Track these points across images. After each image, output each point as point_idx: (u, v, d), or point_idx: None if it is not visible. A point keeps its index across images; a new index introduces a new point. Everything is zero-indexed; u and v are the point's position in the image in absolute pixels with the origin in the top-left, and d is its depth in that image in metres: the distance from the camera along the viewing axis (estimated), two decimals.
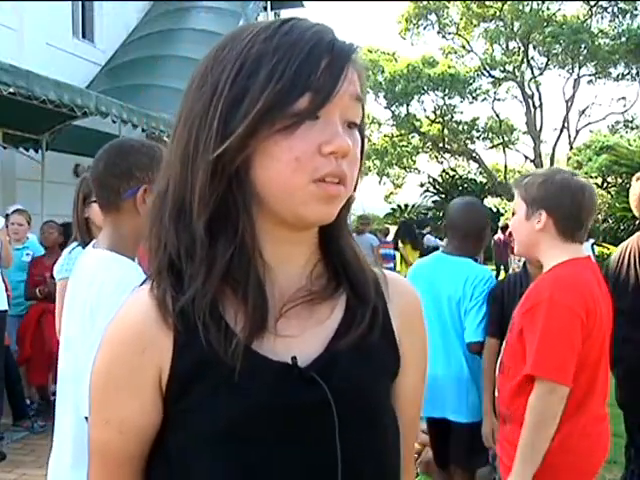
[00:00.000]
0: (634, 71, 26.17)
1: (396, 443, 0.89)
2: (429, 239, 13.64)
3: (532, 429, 1.91)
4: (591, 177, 13.50)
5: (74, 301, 1.73)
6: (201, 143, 0.79)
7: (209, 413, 0.79)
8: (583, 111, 29.27)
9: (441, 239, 12.47)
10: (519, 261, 6.90)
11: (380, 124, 29.32)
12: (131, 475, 0.85)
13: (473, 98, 27.74)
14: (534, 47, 26.46)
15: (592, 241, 8.33)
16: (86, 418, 1.37)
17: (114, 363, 0.82)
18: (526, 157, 29.60)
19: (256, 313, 0.79)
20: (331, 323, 0.85)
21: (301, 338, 0.83)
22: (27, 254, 5.70)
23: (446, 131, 28.45)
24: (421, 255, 10.90)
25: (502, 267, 13.53)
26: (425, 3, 26.59)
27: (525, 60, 26.76)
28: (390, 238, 12.17)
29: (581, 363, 1.92)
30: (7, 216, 5.61)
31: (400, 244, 11.10)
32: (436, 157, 30.49)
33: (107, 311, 1.44)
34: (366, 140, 0.88)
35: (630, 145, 16.81)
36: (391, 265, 10.40)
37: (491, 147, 30.03)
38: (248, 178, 0.79)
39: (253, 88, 0.76)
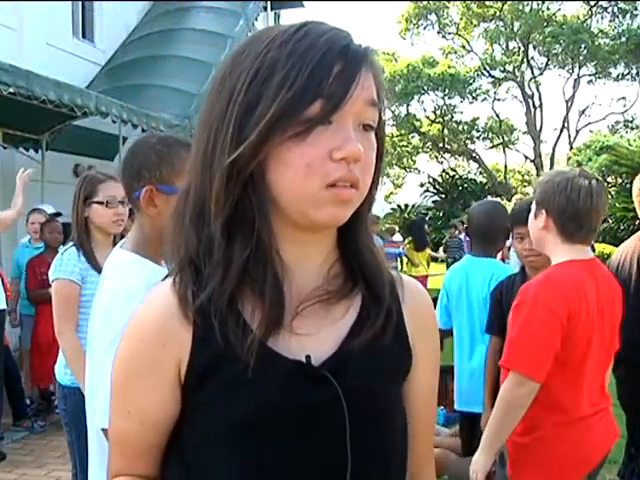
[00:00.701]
0: (634, 71, 26.18)
1: (404, 444, 0.91)
2: None
3: (499, 416, 2.02)
4: None
5: (96, 302, 1.73)
6: (218, 147, 0.81)
7: (224, 407, 0.81)
8: (583, 111, 29.31)
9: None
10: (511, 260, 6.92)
11: None
12: (149, 465, 0.88)
13: (473, 98, 27.76)
14: (534, 47, 26.47)
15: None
16: (104, 430, 1.36)
17: (136, 356, 0.85)
18: (526, 157, 29.62)
19: (272, 310, 0.81)
20: (345, 322, 0.87)
21: (316, 337, 0.84)
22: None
23: (446, 131, 28.47)
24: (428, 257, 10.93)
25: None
26: (425, 3, 26.60)
27: (525, 60, 26.78)
28: (397, 237, 12.19)
29: (563, 362, 1.98)
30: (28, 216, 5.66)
31: (407, 245, 11.07)
32: (436, 157, 30.51)
33: (119, 315, 1.44)
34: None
35: (630, 145, 16.81)
36: (395, 264, 10.40)
37: (491, 147, 30.05)
38: (263, 182, 0.81)
39: (266, 95, 0.77)
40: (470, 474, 2.09)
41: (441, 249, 13.55)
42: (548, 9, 25.74)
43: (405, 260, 11.01)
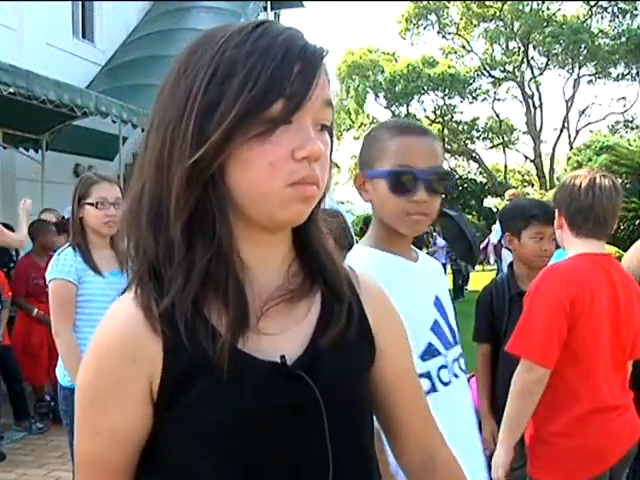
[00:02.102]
0: (634, 71, 26.19)
1: (373, 435, 0.93)
2: None
3: (512, 405, 2.05)
4: None
5: None
6: (176, 149, 0.79)
7: (202, 416, 0.79)
8: (583, 111, 29.32)
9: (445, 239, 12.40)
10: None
11: None
12: None
13: (473, 98, 27.77)
14: (534, 47, 26.48)
15: None
16: None
17: (103, 375, 0.81)
18: (526, 157, 29.63)
19: (237, 312, 0.80)
20: (309, 320, 0.87)
21: (284, 336, 0.84)
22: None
23: (446, 131, 28.46)
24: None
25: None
26: (425, 3, 26.60)
27: (525, 60, 26.78)
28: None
29: (573, 352, 2.00)
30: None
31: None
32: None
33: None
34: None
35: (630, 145, 16.82)
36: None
37: (491, 147, 30.06)
38: (223, 183, 0.80)
39: (228, 94, 0.77)
40: (492, 471, 2.09)
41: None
42: (548, 9, 25.74)
43: None
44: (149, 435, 0.83)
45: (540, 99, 28.01)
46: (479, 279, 12.82)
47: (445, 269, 12.74)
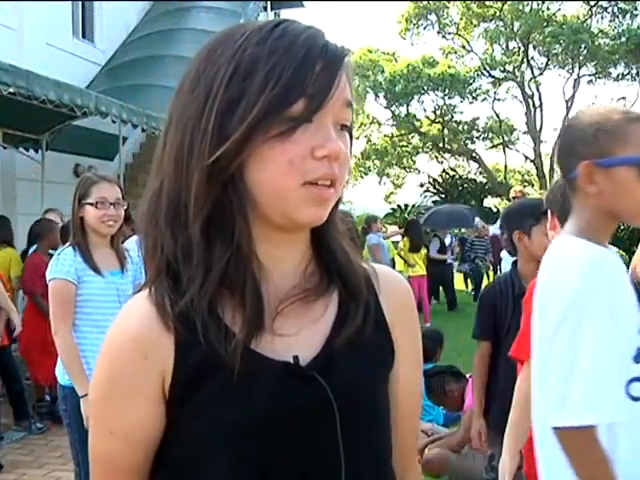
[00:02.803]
0: (634, 71, 26.15)
1: (389, 437, 0.91)
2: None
3: (516, 409, 2.02)
4: None
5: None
6: (196, 146, 0.79)
7: (214, 416, 0.79)
8: None
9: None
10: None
11: (380, 124, 29.29)
12: None
13: (473, 98, 27.71)
14: (534, 47, 26.44)
15: None
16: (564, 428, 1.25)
17: (116, 372, 0.81)
18: (526, 157, 29.60)
19: (253, 313, 0.79)
20: (326, 320, 0.86)
21: (299, 336, 0.83)
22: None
23: (446, 131, 28.42)
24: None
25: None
26: (425, 3, 26.56)
27: (525, 60, 26.74)
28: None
29: None
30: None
31: (401, 244, 11.02)
32: (436, 157, 30.47)
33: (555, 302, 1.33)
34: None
35: None
36: None
37: (491, 147, 30.02)
38: (242, 180, 0.79)
39: (249, 92, 0.76)
40: (499, 477, 2.08)
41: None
42: (548, 9, 25.70)
43: (401, 261, 10.93)
44: (162, 434, 0.82)
45: (540, 99, 27.99)
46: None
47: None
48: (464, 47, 28.25)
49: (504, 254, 6.99)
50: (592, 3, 25.51)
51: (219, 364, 0.78)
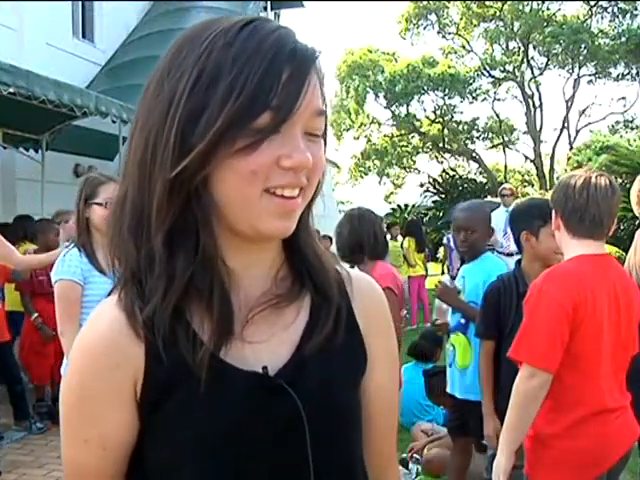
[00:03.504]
0: (634, 71, 26.15)
1: (361, 442, 0.90)
2: None
3: (514, 410, 2.03)
4: None
5: None
6: (158, 155, 0.76)
7: (184, 424, 0.78)
8: (583, 111, 29.27)
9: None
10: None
11: (380, 124, 29.29)
12: None
13: (473, 98, 27.72)
14: (534, 47, 26.44)
15: None
16: None
17: (89, 380, 0.79)
18: (526, 157, 29.60)
19: (222, 321, 0.78)
20: (297, 326, 0.85)
21: (269, 344, 0.82)
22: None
23: (446, 131, 28.44)
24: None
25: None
26: (425, 3, 26.56)
27: (525, 60, 26.75)
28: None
29: (575, 355, 1.99)
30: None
31: (405, 244, 11.00)
32: (436, 157, 30.48)
33: None
34: (353, 141, 0.87)
35: (630, 145, 16.79)
36: None
37: (491, 147, 30.03)
38: (207, 192, 0.77)
39: (212, 102, 0.73)
40: (493, 476, 2.09)
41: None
42: (548, 9, 25.70)
43: (402, 260, 10.92)
44: (136, 440, 0.81)
45: (540, 99, 27.99)
46: None
47: None
48: (464, 47, 28.26)
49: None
50: (592, 3, 25.50)
51: (187, 373, 0.77)
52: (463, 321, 3.21)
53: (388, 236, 9.83)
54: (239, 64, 0.73)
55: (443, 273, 13.31)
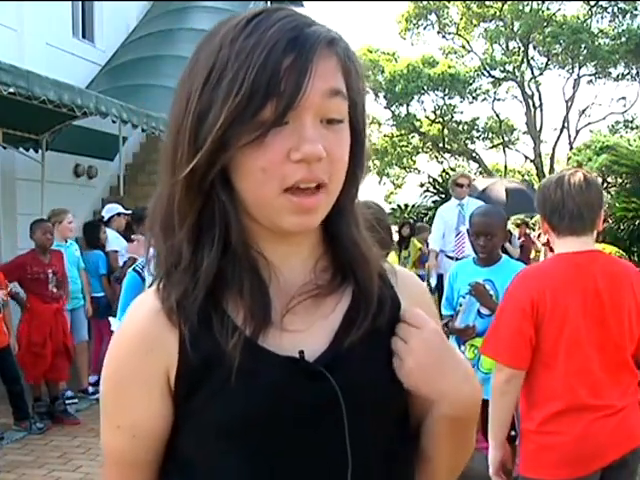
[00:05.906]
0: (634, 71, 26.13)
1: (406, 432, 0.88)
2: None
3: (491, 404, 2.13)
4: None
5: None
6: (178, 154, 0.78)
7: (218, 412, 0.78)
8: (583, 111, 29.24)
9: None
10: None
11: (380, 124, 29.27)
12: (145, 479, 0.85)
13: (473, 98, 27.70)
14: (534, 47, 26.42)
15: None
16: None
17: (123, 366, 0.82)
18: (526, 157, 29.58)
19: (257, 310, 0.79)
20: (336, 316, 0.85)
21: (308, 332, 0.82)
22: (76, 249, 6.12)
23: (446, 131, 28.42)
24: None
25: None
26: (425, 3, 26.55)
27: (525, 60, 26.72)
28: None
29: (542, 351, 2.05)
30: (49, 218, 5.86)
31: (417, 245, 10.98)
32: (436, 157, 30.45)
33: None
34: (365, 130, 0.83)
35: (630, 145, 16.82)
36: None
37: (491, 147, 30.00)
38: (229, 188, 0.78)
39: (216, 100, 0.74)
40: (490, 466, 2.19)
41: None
42: (548, 9, 25.68)
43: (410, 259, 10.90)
44: (171, 429, 0.82)
45: (540, 99, 27.96)
46: None
47: None
48: (464, 47, 28.24)
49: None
50: (592, 3, 25.48)
51: (223, 360, 0.77)
52: None
53: (397, 236, 9.84)
54: (240, 59, 0.73)
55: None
